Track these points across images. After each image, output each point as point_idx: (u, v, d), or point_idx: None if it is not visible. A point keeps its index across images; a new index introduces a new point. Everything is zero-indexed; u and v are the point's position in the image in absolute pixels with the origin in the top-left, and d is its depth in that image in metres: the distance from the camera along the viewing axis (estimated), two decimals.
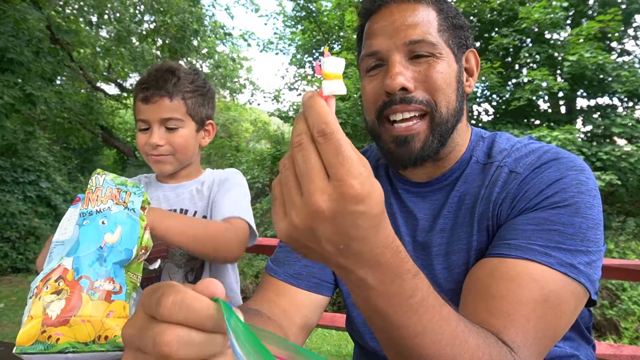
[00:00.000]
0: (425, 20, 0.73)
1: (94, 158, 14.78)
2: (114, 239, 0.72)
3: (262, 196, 9.98)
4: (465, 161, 0.79)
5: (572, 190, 0.65)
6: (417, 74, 0.72)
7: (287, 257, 0.83)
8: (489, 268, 0.63)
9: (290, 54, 11.99)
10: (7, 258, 6.52)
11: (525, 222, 0.65)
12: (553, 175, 0.67)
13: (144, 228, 0.78)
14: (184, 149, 1.14)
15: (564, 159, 0.69)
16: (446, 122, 0.73)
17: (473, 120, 9.48)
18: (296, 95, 11.57)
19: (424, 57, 0.72)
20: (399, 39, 0.72)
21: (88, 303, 0.65)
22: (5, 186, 6.97)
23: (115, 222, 0.74)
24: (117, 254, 0.71)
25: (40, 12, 7.00)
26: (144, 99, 1.09)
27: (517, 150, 0.75)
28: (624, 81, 7.46)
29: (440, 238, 0.76)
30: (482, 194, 0.73)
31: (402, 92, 0.71)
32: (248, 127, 15.62)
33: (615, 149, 7.18)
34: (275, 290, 0.79)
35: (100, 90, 11.73)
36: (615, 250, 6.09)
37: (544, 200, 0.65)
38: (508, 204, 0.69)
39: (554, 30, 8.16)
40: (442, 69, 0.72)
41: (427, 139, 0.73)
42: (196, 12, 10.63)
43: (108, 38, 10.70)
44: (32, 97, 6.32)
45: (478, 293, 0.62)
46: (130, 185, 0.82)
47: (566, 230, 0.62)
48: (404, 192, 0.82)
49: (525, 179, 0.69)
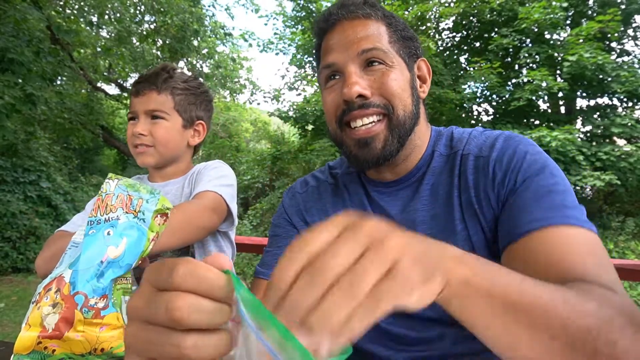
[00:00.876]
0: (375, 33, 0.78)
1: (95, 158, 14.79)
2: (117, 253, 0.69)
3: (262, 196, 9.98)
4: (428, 156, 0.83)
5: (539, 158, 0.72)
6: (372, 81, 0.76)
7: (274, 259, 0.86)
8: (527, 251, 0.62)
9: (290, 54, 12.00)
10: (7, 258, 6.53)
11: (522, 198, 0.68)
12: (518, 151, 0.73)
13: (151, 240, 0.75)
14: (165, 142, 1.15)
15: (518, 137, 0.77)
16: (404, 123, 0.77)
17: (473, 121, 9.48)
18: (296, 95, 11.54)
19: (377, 65, 0.77)
20: (352, 50, 0.77)
21: (81, 321, 0.65)
22: (6, 186, 6.98)
23: (121, 233, 0.71)
24: (117, 269, 0.69)
25: (40, 12, 7.00)
26: (135, 92, 1.15)
27: (475, 137, 0.81)
28: (623, 81, 7.47)
29: (420, 230, 0.78)
30: (455, 183, 0.77)
31: (360, 99, 0.75)
32: (248, 127, 15.64)
33: (615, 149, 7.19)
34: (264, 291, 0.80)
35: (100, 91, 11.73)
36: (615, 250, 6.10)
37: (524, 173, 0.70)
38: (491, 188, 0.73)
39: (554, 30, 8.17)
40: (395, 76, 0.77)
41: (387, 139, 0.77)
42: (196, 13, 10.63)
43: (108, 38, 10.70)
44: (33, 97, 6.32)
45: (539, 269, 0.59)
46: (144, 191, 0.77)
47: (557, 188, 0.67)
48: (376, 193, 0.85)
49: (494, 160, 0.74)
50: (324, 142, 8.68)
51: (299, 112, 10.18)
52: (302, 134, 10.81)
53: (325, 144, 8.56)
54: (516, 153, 0.73)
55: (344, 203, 0.88)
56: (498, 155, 0.74)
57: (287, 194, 0.97)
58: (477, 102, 9.14)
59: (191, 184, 1.18)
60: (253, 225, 8.48)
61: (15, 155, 7.42)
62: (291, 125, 10.88)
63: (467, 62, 9.69)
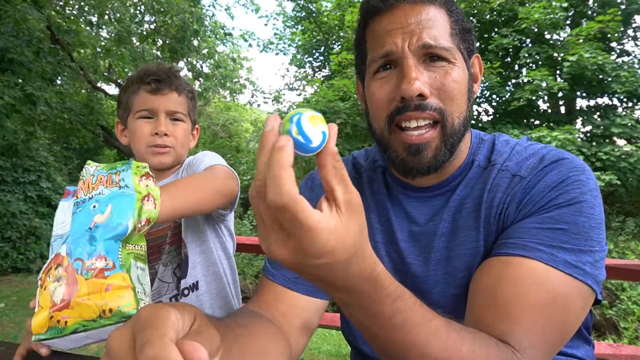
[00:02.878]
0: (439, 23, 0.70)
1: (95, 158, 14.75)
2: (103, 218, 0.71)
3: None
4: (467, 165, 0.77)
5: (575, 191, 0.65)
6: (433, 80, 0.69)
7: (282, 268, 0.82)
8: (495, 272, 0.63)
9: (291, 54, 12.01)
10: (7, 258, 6.53)
11: (529, 223, 0.65)
12: (556, 177, 0.66)
13: (141, 200, 0.76)
14: (183, 144, 1.16)
15: (565, 161, 0.69)
16: (457, 132, 0.71)
17: (473, 121, 9.48)
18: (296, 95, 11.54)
19: (439, 61, 0.69)
20: (413, 41, 0.68)
21: (83, 283, 0.66)
22: (6, 186, 6.98)
23: (106, 202, 0.73)
24: (109, 230, 0.70)
25: (40, 12, 7.00)
26: (154, 90, 1.11)
27: (518, 153, 0.74)
28: (623, 81, 7.47)
29: (441, 242, 0.74)
30: (485, 198, 0.72)
31: (418, 98, 0.67)
32: (248, 128, 15.63)
33: (615, 149, 7.19)
34: (274, 295, 0.79)
35: (100, 91, 11.73)
36: (615, 250, 6.10)
37: (548, 202, 0.65)
38: (514, 208, 0.68)
39: (554, 30, 8.17)
40: (456, 76, 0.69)
41: (438, 148, 0.70)
42: (196, 13, 10.63)
43: (108, 38, 10.70)
44: (33, 97, 6.32)
45: (485, 299, 0.62)
46: (120, 165, 0.82)
47: (570, 229, 0.62)
48: (403, 197, 0.80)
49: (529, 183, 0.68)
50: None
51: None
52: None
53: None
54: (555, 181, 0.66)
55: (365, 202, 0.84)
56: (536, 180, 0.68)
57: (306, 184, 0.90)
58: (477, 102, 9.14)
59: (182, 174, 1.17)
60: (253, 225, 8.47)
61: (15, 155, 7.42)
62: None
63: None
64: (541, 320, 0.57)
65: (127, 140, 1.17)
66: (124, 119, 1.17)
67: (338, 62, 9.19)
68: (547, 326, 0.57)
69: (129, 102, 1.14)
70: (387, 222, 0.80)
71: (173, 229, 1.13)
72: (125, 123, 1.16)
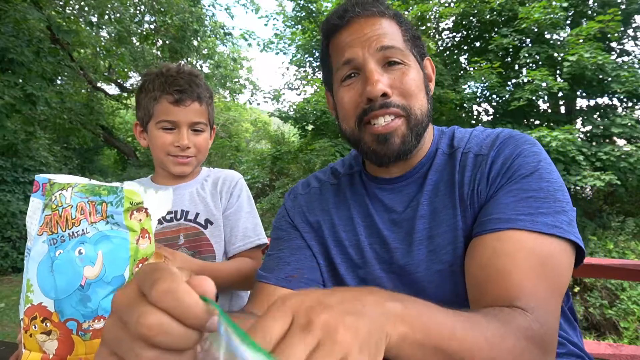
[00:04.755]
0: (392, 31, 0.79)
1: (95, 158, 14.79)
2: (95, 273, 0.62)
3: (262, 196, 9.98)
4: (432, 154, 0.86)
5: (532, 160, 0.73)
6: (393, 80, 0.77)
7: (276, 263, 0.86)
8: (489, 249, 0.68)
9: (291, 54, 12.00)
10: (7, 258, 6.53)
11: (503, 196, 0.71)
12: (513, 149, 0.76)
13: (136, 241, 0.66)
14: (205, 152, 1.19)
15: (517, 135, 0.79)
16: (421, 122, 0.79)
17: (473, 121, 9.48)
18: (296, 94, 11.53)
19: (396, 64, 0.78)
20: (372, 47, 0.77)
21: (81, 343, 0.61)
22: (6, 186, 6.99)
23: (95, 248, 0.63)
24: (104, 287, 0.62)
25: (40, 12, 7.00)
26: (177, 101, 1.10)
27: (476, 136, 0.83)
28: (623, 81, 7.46)
29: (421, 224, 0.80)
30: (457, 179, 0.79)
31: (382, 98, 0.76)
32: (248, 127, 15.63)
33: (615, 149, 7.18)
34: (267, 295, 0.82)
35: (100, 91, 11.74)
36: (615, 250, 6.10)
37: (512, 174, 0.73)
38: (485, 184, 0.75)
39: (554, 30, 8.17)
40: (413, 75, 0.79)
41: (405, 135, 0.78)
42: (196, 12, 10.64)
43: (108, 38, 10.71)
44: (33, 97, 6.32)
45: (486, 275, 0.67)
46: (105, 192, 0.66)
47: (538, 195, 0.70)
48: (379, 190, 0.87)
49: (491, 159, 0.76)
50: (324, 142, 8.67)
51: (299, 112, 10.18)
52: (302, 134, 10.80)
53: (325, 144, 8.56)
54: (512, 153, 0.75)
55: (346, 203, 0.89)
56: (496, 154, 0.77)
57: (289, 195, 0.97)
58: (477, 102, 9.14)
59: (213, 196, 1.18)
60: None
61: (15, 155, 7.42)
62: (291, 125, 10.88)
63: (467, 62, 9.69)
64: (540, 281, 0.63)
65: (146, 143, 1.18)
66: (143, 123, 1.16)
67: None
68: (546, 285, 0.64)
69: (149, 108, 1.13)
70: (368, 217, 0.86)
71: (186, 236, 1.13)
72: (145, 127, 1.16)
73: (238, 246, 1.15)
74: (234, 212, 1.18)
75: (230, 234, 1.16)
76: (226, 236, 1.16)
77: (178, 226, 1.14)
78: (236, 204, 1.19)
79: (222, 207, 1.18)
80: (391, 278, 0.81)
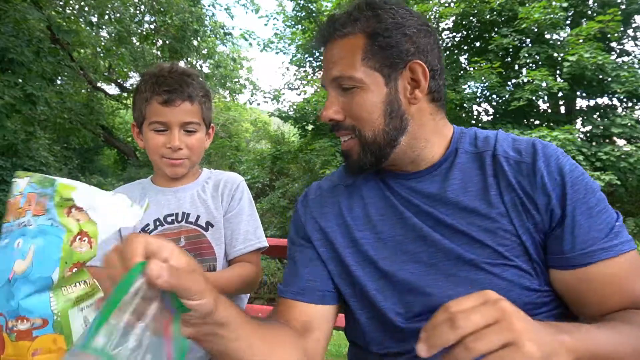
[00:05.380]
0: (347, 55, 0.80)
1: (95, 158, 14.80)
2: (22, 267, 0.59)
3: (262, 196, 9.99)
4: (452, 153, 0.85)
5: (579, 172, 0.76)
6: (344, 105, 0.82)
7: (292, 277, 0.89)
8: (598, 281, 0.73)
9: (291, 53, 12.01)
10: None
11: (583, 221, 0.74)
12: (563, 163, 0.77)
13: (70, 242, 0.62)
14: (199, 152, 1.16)
15: (551, 146, 0.81)
16: (374, 142, 0.81)
17: (473, 121, 9.48)
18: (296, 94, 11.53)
19: (349, 89, 0.81)
20: (327, 76, 0.84)
21: (9, 343, 0.59)
22: (6, 186, 6.98)
23: (30, 241, 0.60)
24: (27, 285, 0.59)
25: (40, 12, 7.00)
26: (166, 102, 1.08)
27: (503, 140, 0.84)
28: (623, 81, 7.47)
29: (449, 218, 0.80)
30: (490, 182, 0.79)
31: (334, 122, 0.83)
32: (248, 127, 15.63)
33: (615, 149, 7.19)
34: (285, 307, 0.87)
35: (100, 91, 11.75)
36: None
37: (574, 193, 0.74)
38: (541, 195, 0.76)
39: (554, 30, 8.17)
40: (362, 99, 0.80)
41: (359, 154, 0.83)
42: (196, 12, 10.64)
43: (108, 38, 10.71)
44: (33, 97, 6.32)
45: (608, 293, 0.73)
46: (48, 184, 0.64)
47: (599, 207, 0.74)
48: (397, 184, 0.87)
49: (544, 169, 0.76)
50: (324, 142, 8.68)
51: (299, 112, 10.19)
52: (302, 134, 10.81)
53: (325, 144, 8.56)
54: (562, 167, 0.76)
55: (361, 202, 0.89)
56: (545, 164, 0.77)
57: (301, 201, 0.98)
58: (477, 102, 9.15)
59: (214, 199, 1.18)
60: None
61: (15, 155, 7.43)
62: (291, 125, 10.89)
63: (467, 62, 9.69)
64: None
65: (143, 144, 1.17)
66: (139, 124, 1.15)
67: None
68: None
69: (142, 110, 1.12)
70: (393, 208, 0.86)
71: (187, 239, 1.13)
72: (140, 128, 1.15)
73: (239, 249, 1.15)
74: (235, 215, 1.17)
75: (232, 237, 1.16)
76: (227, 239, 1.16)
77: (179, 228, 1.13)
78: (237, 207, 1.18)
79: (223, 210, 1.17)
80: (417, 267, 0.80)
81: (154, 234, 1.12)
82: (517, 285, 0.73)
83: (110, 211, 0.66)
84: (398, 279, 0.79)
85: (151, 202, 1.15)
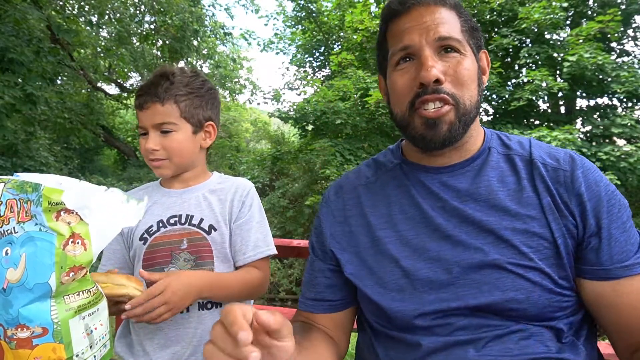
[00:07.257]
0: (450, 21, 0.80)
1: (95, 158, 14.79)
2: (17, 276, 0.58)
3: (262, 196, 9.98)
4: (485, 151, 0.86)
5: (613, 188, 0.78)
6: (447, 68, 0.78)
7: (307, 287, 0.94)
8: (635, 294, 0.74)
9: (291, 53, 12.02)
10: None
11: (616, 232, 0.75)
12: (605, 184, 0.78)
13: (63, 245, 0.60)
14: (179, 153, 1.13)
15: (584, 159, 0.82)
16: (469, 112, 0.79)
17: None
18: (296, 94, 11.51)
19: (452, 53, 0.79)
20: (430, 35, 0.78)
21: (9, 351, 0.59)
22: None
23: (20, 249, 0.59)
24: (25, 294, 0.58)
25: (40, 12, 6.99)
26: (139, 106, 1.11)
27: (538, 146, 0.85)
28: (623, 81, 7.47)
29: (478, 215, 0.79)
30: (525, 185, 0.79)
31: (435, 84, 0.76)
32: (248, 127, 15.64)
33: (615, 149, 7.18)
34: (303, 318, 0.94)
35: (100, 91, 11.74)
36: None
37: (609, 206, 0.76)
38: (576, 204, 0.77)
39: (554, 30, 8.17)
40: (467, 65, 0.79)
41: (452, 123, 0.78)
42: (196, 12, 10.64)
43: (108, 38, 10.71)
44: (33, 97, 6.32)
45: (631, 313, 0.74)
46: (30, 190, 0.61)
47: (630, 223, 0.76)
48: (427, 178, 0.86)
49: (583, 179, 0.77)
50: (324, 142, 8.67)
51: (299, 112, 10.18)
52: (302, 134, 10.80)
53: (325, 144, 8.55)
54: (600, 180, 0.78)
55: (385, 200, 0.88)
56: (583, 175, 0.78)
57: (323, 202, 0.97)
58: None
59: (223, 204, 1.17)
60: None
61: (15, 155, 7.43)
62: (291, 126, 10.88)
63: None
64: None
65: None
66: None
67: (338, 62, 9.19)
68: None
69: None
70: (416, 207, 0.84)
71: (190, 241, 1.13)
72: None
73: (249, 256, 1.14)
74: (245, 222, 1.16)
75: (241, 244, 1.14)
76: (236, 245, 1.15)
77: (182, 230, 1.13)
78: (248, 214, 1.17)
79: (233, 216, 1.16)
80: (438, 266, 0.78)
81: (157, 235, 1.12)
82: (539, 286, 0.73)
83: (106, 209, 0.65)
84: (418, 277, 0.78)
85: (156, 203, 1.17)
